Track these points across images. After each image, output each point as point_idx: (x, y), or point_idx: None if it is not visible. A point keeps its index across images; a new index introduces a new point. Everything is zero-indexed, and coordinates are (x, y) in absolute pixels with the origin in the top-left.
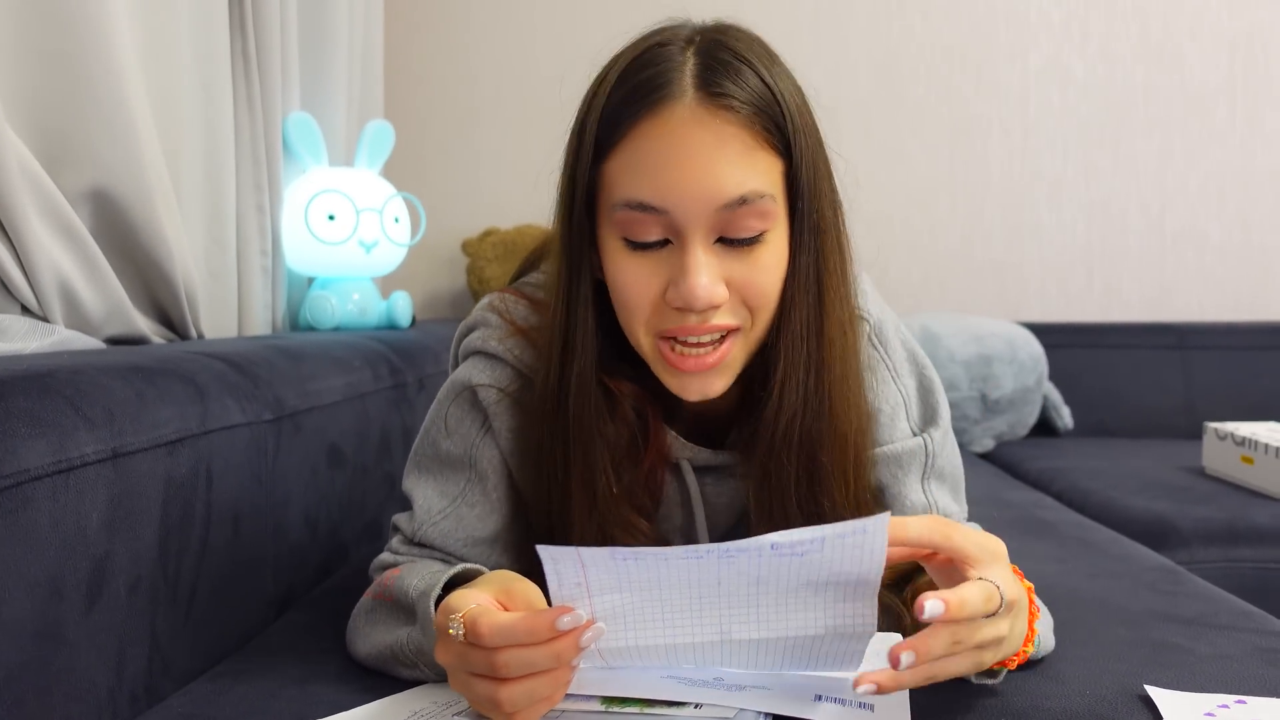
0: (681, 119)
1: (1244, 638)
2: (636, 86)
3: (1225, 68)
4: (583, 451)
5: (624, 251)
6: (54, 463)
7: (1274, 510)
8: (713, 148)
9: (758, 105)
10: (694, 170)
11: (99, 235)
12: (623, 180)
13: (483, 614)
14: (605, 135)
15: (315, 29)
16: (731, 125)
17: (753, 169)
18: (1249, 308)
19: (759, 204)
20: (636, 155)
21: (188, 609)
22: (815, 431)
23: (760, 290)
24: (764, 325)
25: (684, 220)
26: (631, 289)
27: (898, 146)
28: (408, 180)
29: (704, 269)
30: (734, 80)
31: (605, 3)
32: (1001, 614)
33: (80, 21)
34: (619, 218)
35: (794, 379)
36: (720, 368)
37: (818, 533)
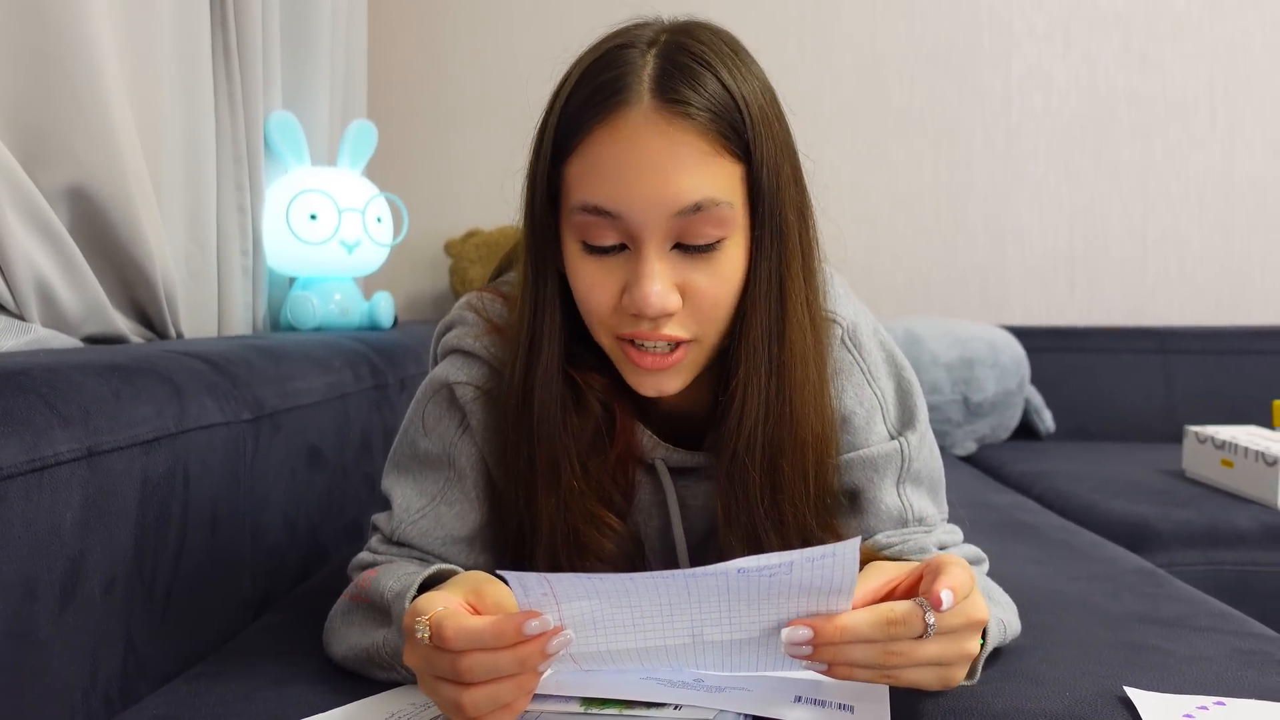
0: (637, 125)
1: (1223, 639)
2: (595, 90)
3: (1206, 75)
4: (547, 443)
5: (582, 254)
6: (28, 461)
7: (1253, 513)
8: (667, 154)
9: (715, 111)
10: (648, 177)
11: (77, 234)
12: (580, 184)
13: (449, 617)
14: (564, 138)
15: (297, 28)
16: (687, 132)
17: (709, 176)
18: (1229, 312)
19: (715, 211)
20: (592, 160)
21: (164, 610)
22: (777, 438)
23: (714, 300)
24: (717, 335)
25: (639, 226)
26: (589, 292)
27: (882, 151)
28: (390, 180)
29: (657, 277)
30: (692, 85)
31: (588, 4)
32: (934, 637)
33: (60, 19)
34: (576, 221)
35: (755, 384)
36: (677, 368)
37: (786, 557)
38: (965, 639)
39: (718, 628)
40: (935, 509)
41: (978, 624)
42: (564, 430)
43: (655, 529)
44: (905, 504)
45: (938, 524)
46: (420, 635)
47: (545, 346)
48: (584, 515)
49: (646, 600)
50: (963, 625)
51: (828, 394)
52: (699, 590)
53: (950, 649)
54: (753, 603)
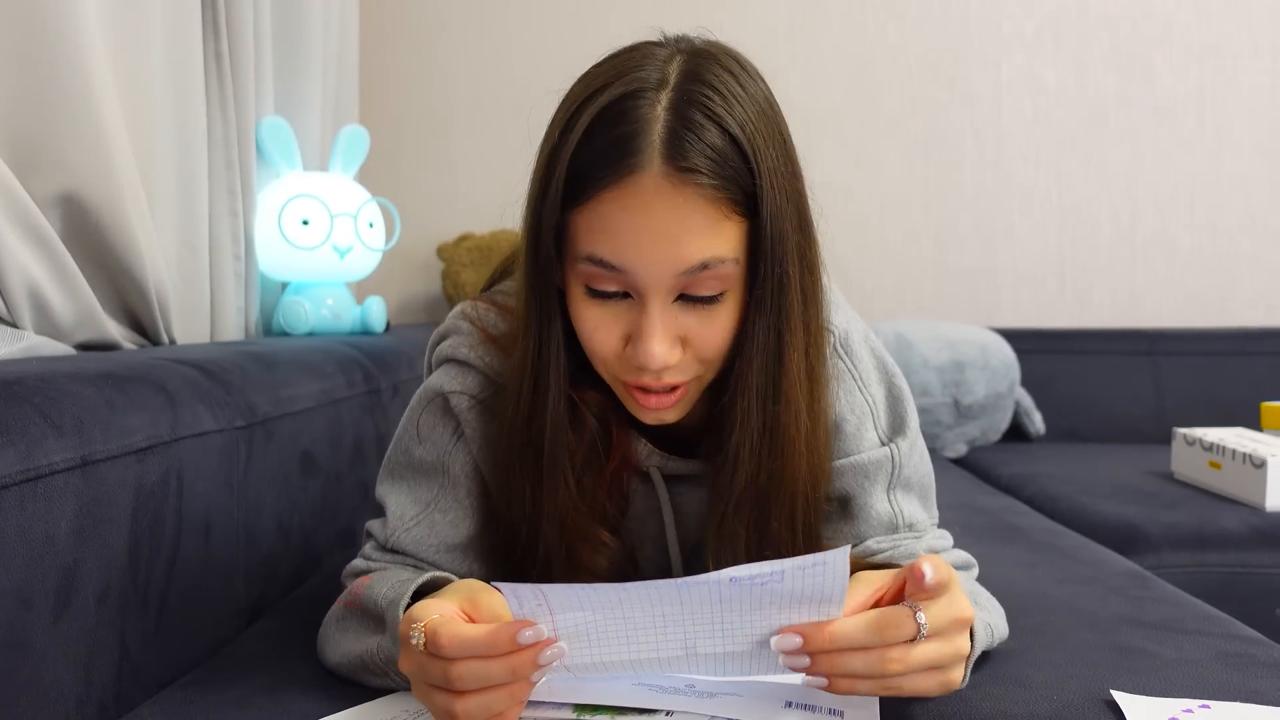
0: (647, 192)
1: (1209, 642)
2: (606, 146)
3: (1194, 77)
4: (551, 464)
5: (586, 298)
6: (22, 471)
7: (1241, 515)
8: (676, 222)
9: (725, 174)
10: (657, 241)
11: (69, 240)
12: (587, 237)
13: (444, 624)
14: (571, 190)
15: (290, 33)
16: (697, 200)
17: (716, 238)
18: (1217, 314)
19: (720, 269)
20: (601, 218)
21: (158, 617)
22: (767, 494)
23: (715, 346)
24: (715, 369)
25: (644, 284)
26: (593, 337)
27: (872, 154)
28: (383, 185)
29: (660, 335)
30: (701, 149)
31: (581, 8)
32: (926, 639)
33: (51, 25)
34: (582, 269)
35: (747, 447)
36: (677, 404)
37: (777, 566)
38: (956, 637)
39: (710, 640)
40: (926, 514)
41: (964, 621)
42: (561, 449)
43: (649, 536)
44: (896, 510)
45: (928, 529)
46: (415, 641)
47: (552, 385)
48: (578, 532)
49: (639, 611)
50: (950, 623)
51: (824, 440)
52: (691, 600)
53: (944, 649)
54: (744, 613)
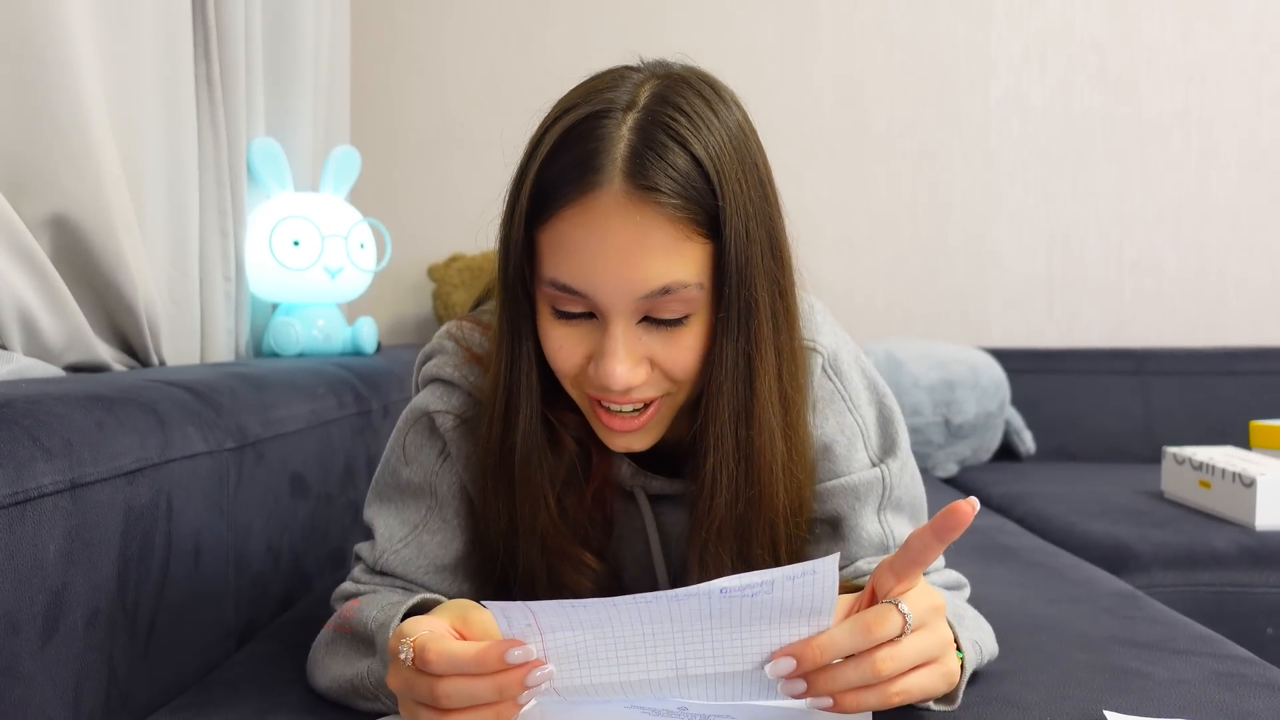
0: (607, 209)
1: (1202, 662)
2: (569, 163)
3: (1180, 98)
4: (526, 490)
5: (552, 319)
6: (10, 494)
7: (1231, 534)
8: (636, 242)
9: (686, 194)
10: (617, 262)
11: (59, 262)
12: (550, 258)
13: (432, 640)
14: (535, 208)
15: (280, 54)
16: (657, 218)
17: (678, 260)
18: (1205, 334)
19: (683, 293)
20: (562, 238)
21: (147, 641)
22: (747, 520)
23: (683, 367)
24: (690, 389)
25: (606, 305)
26: (557, 355)
27: (861, 175)
28: (374, 206)
29: (622, 356)
30: (664, 167)
31: (572, 30)
32: (914, 630)
33: (42, 47)
34: (547, 291)
35: (724, 473)
36: (646, 428)
37: (767, 575)
38: (937, 625)
39: (700, 660)
40: None
41: (939, 608)
42: (540, 471)
43: (635, 556)
44: (886, 531)
45: None
46: (403, 656)
47: (524, 402)
48: (560, 554)
49: (629, 630)
50: (929, 611)
51: (802, 463)
52: (681, 615)
53: (930, 639)
54: (735, 630)
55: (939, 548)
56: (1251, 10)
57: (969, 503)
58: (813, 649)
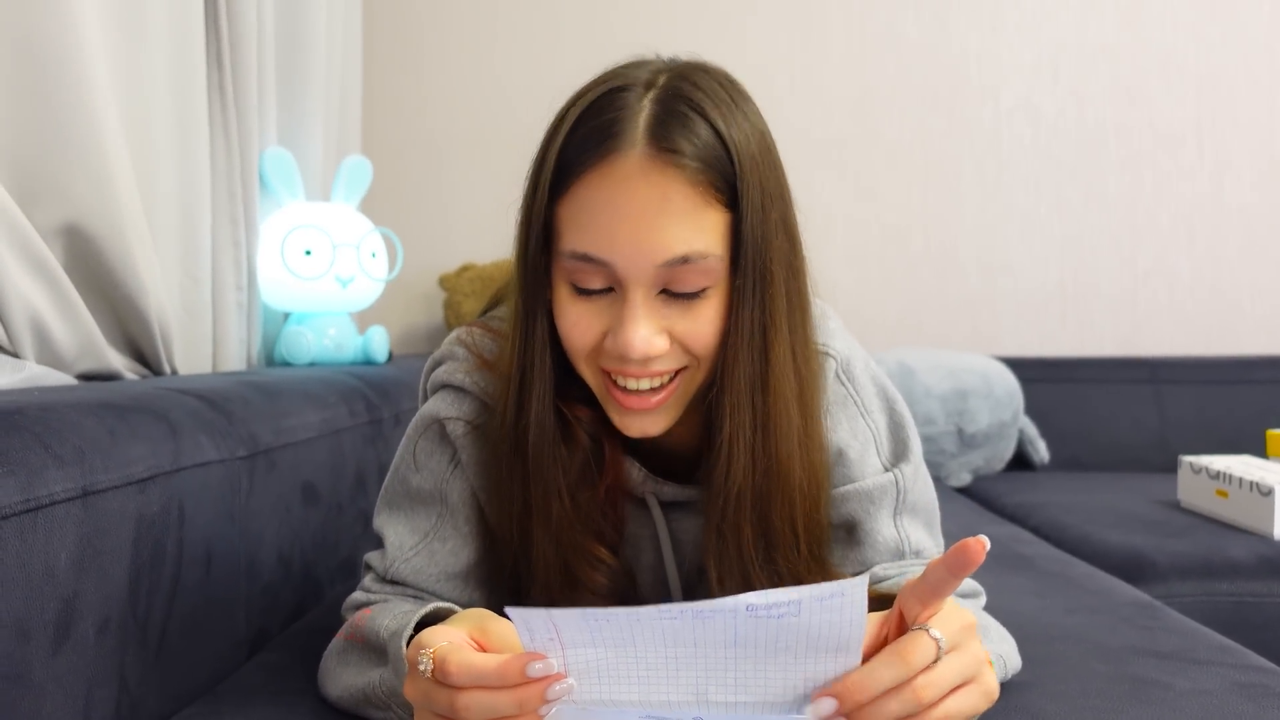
0: (628, 173)
1: (1223, 673)
2: (591, 131)
3: (1193, 107)
4: (539, 477)
5: (570, 295)
6: (22, 501)
7: (1249, 544)
8: (658, 204)
9: (707, 160)
10: (637, 227)
11: (72, 270)
12: (571, 228)
13: (453, 651)
14: (558, 179)
15: (293, 64)
16: (678, 182)
17: (697, 228)
18: (1220, 342)
19: (702, 263)
20: (584, 202)
21: (158, 650)
22: (765, 491)
23: (703, 341)
24: (709, 366)
25: (625, 274)
26: (573, 332)
27: (872, 184)
28: (385, 215)
29: (641, 323)
30: (685, 134)
31: (582, 41)
32: (948, 652)
33: (55, 56)
34: (565, 265)
35: (740, 440)
36: (663, 408)
37: (794, 594)
38: (970, 643)
39: (722, 688)
40: (931, 542)
41: (971, 626)
42: (554, 463)
43: (647, 564)
44: (902, 536)
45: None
46: (423, 667)
47: (536, 383)
48: (574, 548)
49: (652, 651)
50: (961, 630)
51: (817, 440)
52: (705, 638)
53: (965, 659)
54: (760, 660)
55: (955, 582)
56: (1265, 18)
57: (978, 541)
58: (853, 688)
